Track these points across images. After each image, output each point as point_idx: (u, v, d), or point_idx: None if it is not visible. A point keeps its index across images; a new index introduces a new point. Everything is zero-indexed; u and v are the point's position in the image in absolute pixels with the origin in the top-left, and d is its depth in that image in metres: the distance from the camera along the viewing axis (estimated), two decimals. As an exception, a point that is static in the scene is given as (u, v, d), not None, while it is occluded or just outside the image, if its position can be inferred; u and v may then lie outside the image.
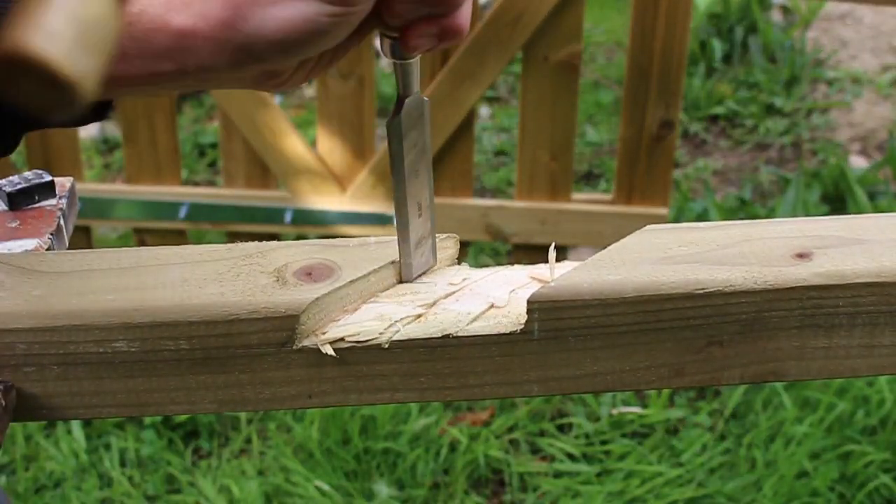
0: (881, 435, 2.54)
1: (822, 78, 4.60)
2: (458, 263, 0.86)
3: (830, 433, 2.55)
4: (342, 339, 0.77)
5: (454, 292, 0.81)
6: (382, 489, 2.44)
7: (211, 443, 2.62)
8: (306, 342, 0.76)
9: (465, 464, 2.52)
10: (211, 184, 3.82)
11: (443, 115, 2.74)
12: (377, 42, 0.73)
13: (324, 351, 0.76)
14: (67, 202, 0.97)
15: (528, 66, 2.71)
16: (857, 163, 3.94)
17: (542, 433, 2.65)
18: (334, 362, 0.77)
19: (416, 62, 0.73)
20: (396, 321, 0.77)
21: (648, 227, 0.84)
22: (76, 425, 2.60)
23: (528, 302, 0.76)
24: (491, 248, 3.34)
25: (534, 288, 0.77)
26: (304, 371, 0.77)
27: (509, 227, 2.84)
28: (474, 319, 0.78)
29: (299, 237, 2.85)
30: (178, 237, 2.93)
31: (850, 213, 3.05)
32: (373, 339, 0.77)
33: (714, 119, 4.36)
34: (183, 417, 2.61)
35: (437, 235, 0.84)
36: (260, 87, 0.72)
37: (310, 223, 2.89)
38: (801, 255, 0.80)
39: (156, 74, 0.68)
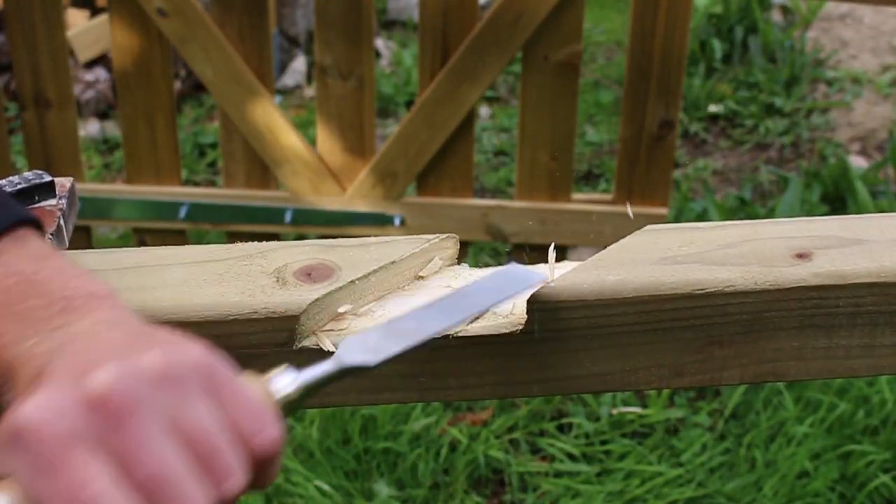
0: (882, 435, 2.54)
1: (822, 78, 4.60)
2: (458, 263, 0.86)
3: (831, 433, 2.55)
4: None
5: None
6: (382, 489, 2.44)
7: (211, 443, 2.62)
8: (306, 342, 0.76)
9: (465, 464, 2.52)
10: (211, 184, 3.82)
11: (443, 115, 2.74)
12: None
13: (324, 347, 0.76)
14: (67, 202, 0.97)
15: (528, 66, 2.71)
16: (857, 163, 3.94)
17: (542, 433, 2.65)
18: (334, 362, 0.77)
19: None
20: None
21: (648, 227, 0.84)
22: (76, 425, 2.60)
23: (528, 302, 0.76)
24: (491, 248, 3.34)
25: (534, 288, 0.77)
26: (304, 371, 0.77)
27: (509, 227, 2.84)
28: (474, 319, 0.78)
29: (299, 237, 2.85)
30: (178, 237, 2.93)
31: (850, 213, 3.04)
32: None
33: (714, 119, 4.36)
34: (183, 417, 2.61)
35: (437, 236, 0.84)
36: None
37: (310, 223, 2.89)
38: (800, 256, 0.80)
39: None
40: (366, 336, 0.66)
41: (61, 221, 0.94)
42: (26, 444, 0.55)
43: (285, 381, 0.63)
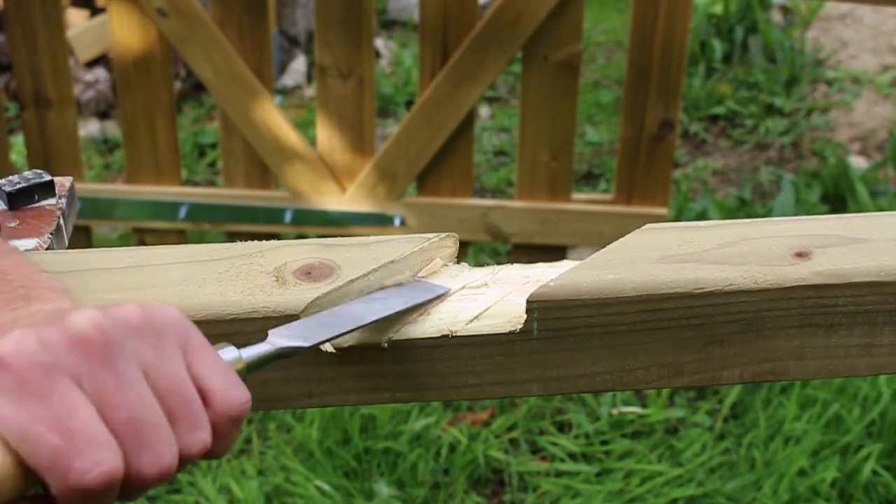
0: (881, 433, 2.54)
1: (822, 78, 4.60)
2: (458, 263, 0.86)
3: (829, 431, 2.55)
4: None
5: (454, 292, 0.81)
6: (383, 489, 2.44)
7: (211, 443, 2.62)
8: (306, 342, 0.76)
9: (465, 464, 2.52)
10: (211, 184, 3.82)
11: (443, 115, 2.74)
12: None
13: (323, 348, 0.76)
14: (67, 202, 0.97)
15: (528, 66, 2.71)
16: (857, 163, 3.94)
17: (542, 433, 2.65)
18: (333, 362, 0.77)
19: None
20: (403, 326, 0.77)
21: (648, 226, 0.84)
22: (76, 425, 2.60)
23: (528, 301, 0.76)
24: (491, 248, 3.34)
25: (533, 287, 0.77)
26: (303, 371, 0.77)
27: (509, 227, 2.84)
28: (473, 319, 0.78)
29: (299, 237, 2.84)
30: (178, 237, 2.93)
31: (850, 213, 3.03)
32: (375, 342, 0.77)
33: (714, 119, 4.36)
34: (183, 417, 2.61)
35: (437, 235, 0.84)
36: None
37: (310, 223, 2.89)
38: (800, 255, 0.80)
39: None
40: (292, 325, 0.72)
41: (61, 221, 0.94)
42: (9, 370, 0.55)
43: (231, 355, 0.66)
